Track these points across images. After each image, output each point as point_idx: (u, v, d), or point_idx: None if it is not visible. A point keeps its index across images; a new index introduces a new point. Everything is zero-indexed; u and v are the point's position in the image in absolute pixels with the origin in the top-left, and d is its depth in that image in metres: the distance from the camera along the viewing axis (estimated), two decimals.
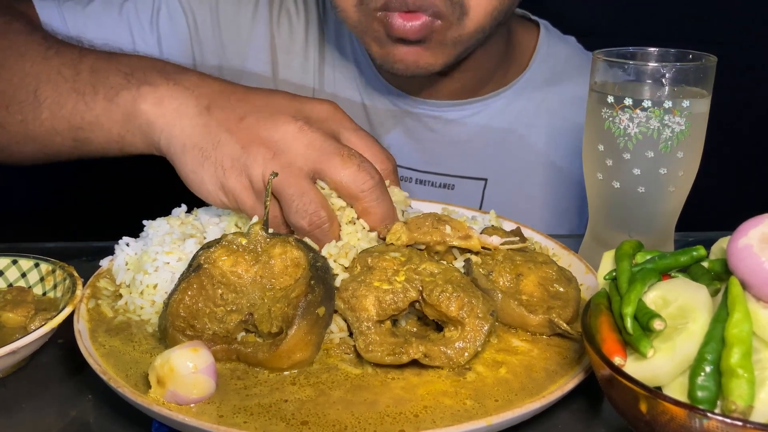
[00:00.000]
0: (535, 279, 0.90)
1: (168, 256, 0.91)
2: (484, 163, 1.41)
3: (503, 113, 1.40)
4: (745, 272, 0.66)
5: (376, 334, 0.80)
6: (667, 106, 0.93)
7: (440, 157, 1.41)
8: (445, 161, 1.41)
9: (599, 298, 0.75)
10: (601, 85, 0.99)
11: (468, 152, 1.41)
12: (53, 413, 0.77)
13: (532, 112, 1.40)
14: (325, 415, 0.72)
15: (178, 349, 0.73)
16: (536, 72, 1.41)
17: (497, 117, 1.40)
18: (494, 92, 1.39)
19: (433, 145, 1.41)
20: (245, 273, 0.85)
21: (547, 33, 1.46)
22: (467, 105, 1.39)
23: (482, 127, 1.40)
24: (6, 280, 0.95)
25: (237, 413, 0.71)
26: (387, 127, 1.42)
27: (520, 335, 0.86)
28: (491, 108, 1.39)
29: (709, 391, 0.61)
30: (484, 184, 1.41)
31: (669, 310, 0.69)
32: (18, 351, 0.77)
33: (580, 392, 0.78)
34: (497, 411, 0.71)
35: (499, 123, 1.40)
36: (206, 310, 0.82)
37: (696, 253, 0.75)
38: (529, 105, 1.40)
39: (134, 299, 0.89)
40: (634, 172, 0.97)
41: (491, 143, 1.40)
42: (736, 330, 0.63)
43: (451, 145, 1.41)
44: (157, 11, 1.37)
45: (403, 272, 0.84)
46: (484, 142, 1.40)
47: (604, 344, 0.69)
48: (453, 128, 1.40)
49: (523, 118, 1.40)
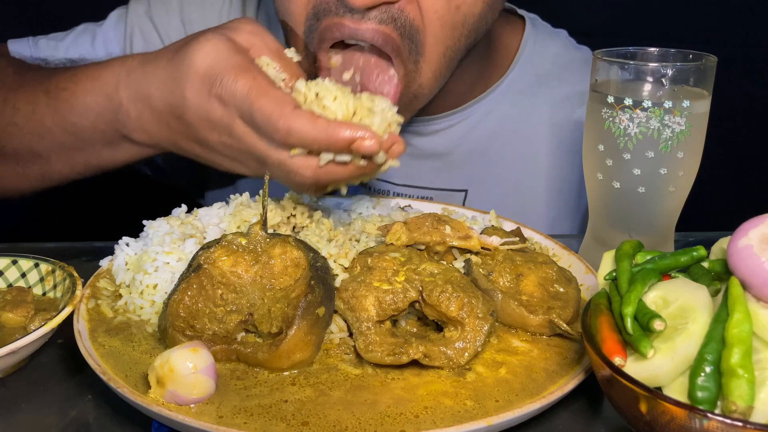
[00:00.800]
0: (535, 279, 0.90)
1: (168, 256, 0.91)
2: (464, 174, 1.35)
3: (483, 121, 1.34)
4: (745, 272, 0.66)
5: (376, 335, 0.80)
6: (668, 106, 0.93)
7: (419, 170, 1.35)
8: (423, 174, 1.35)
9: (599, 299, 0.75)
10: (602, 85, 0.99)
11: (447, 164, 1.35)
12: (53, 413, 0.77)
13: (516, 117, 1.33)
14: (326, 415, 0.72)
15: (178, 349, 0.73)
16: (519, 74, 1.34)
17: (477, 126, 1.34)
18: (474, 100, 1.33)
19: (410, 159, 1.33)
20: (245, 273, 0.85)
21: (534, 30, 1.38)
22: (445, 118, 1.32)
23: (461, 137, 1.34)
24: (6, 280, 0.95)
25: (237, 414, 0.71)
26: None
27: (520, 335, 0.86)
28: (470, 118, 1.33)
29: (709, 392, 0.61)
30: (464, 196, 1.36)
31: (669, 311, 0.69)
32: (18, 351, 0.77)
33: (580, 392, 0.78)
34: (497, 411, 0.71)
35: (479, 132, 1.34)
36: (206, 310, 0.82)
37: (696, 253, 0.75)
38: (512, 111, 1.33)
39: (134, 299, 0.89)
40: (634, 172, 0.97)
41: (471, 154, 1.34)
42: (737, 330, 0.63)
43: (430, 158, 1.36)
44: (130, 37, 1.39)
45: (403, 272, 0.84)
46: (464, 152, 1.34)
47: (604, 344, 0.69)
48: (431, 141, 1.34)
49: (506, 124, 1.34)
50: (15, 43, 1.36)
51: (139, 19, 1.39)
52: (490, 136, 1.34)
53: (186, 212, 1.02)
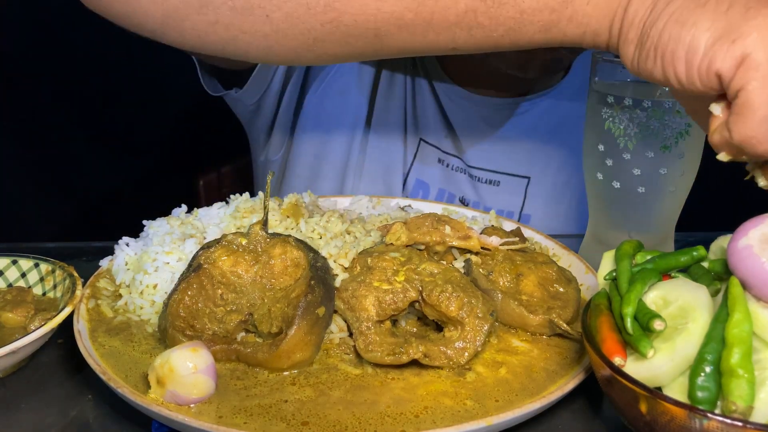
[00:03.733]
0: (535, 279, 0.90)
1: (168, 256, 0.91)
2: (529, 162, 1.44)
3: (549, 114, 1.43)
4: (745, 272, 0.66)
5: (376, 334, 0.80)
6: (667, 106, 0.93)
7: (489, 152, 1.44)
8: (494, 157, 1.44)
9: (599, 298, 0.75)
10: (601, 85, 0.99)
11: (514, 150, 1.43)
12: (53, 413, 0.77)
13: (575, 115, 1.41)
14: (326, 415, 0.72)
15: (178, 349, 0.73)
16: (575, 75, 1.44)
17: (543, 117, 1.43)
18: (541, 93, 1.43)
19: (484, 140, 1.44)
20: (245, 273, 0.85)
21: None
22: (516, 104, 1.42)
23: (528, 126, 1.43)
24: (6, 280, 0.95)
25: (237, 413, 0.71)
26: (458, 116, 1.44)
27: (520, 335, 0.86)
28: (538, 108, 1.43)
29: (709, 392, 0.61)
30: (527, 182, 1.44)
31: (669, 311, 0.69)
32: (18, 351, 0.77)
33: (580, 392, 0.78)
34: (497, 411, 0.71)
35: (544, 123, 1.43)
36: (206, 310, 0.82)
37: (696, 253, 0.75)
38: (572, 107, 1.43)
39: (134, 299, 0.89)
40: (634, 172, 0.97)
41: (536, 142, 1.43)
42: (737, 330, 0.63)
43: (500, 142, 1.43)
44: None
45: (402, 272, 0.84)
46: (530, 141, 1.43)
47: (604, 344, 0.69)
48: (502, 126, 1.43)
49: (567, 121, 1.43)
50: None
51: None
52: (554, 130, 1.43)
53: (186, 212, 1.02)
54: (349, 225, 1.00)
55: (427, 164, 1.45)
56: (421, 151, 1.45)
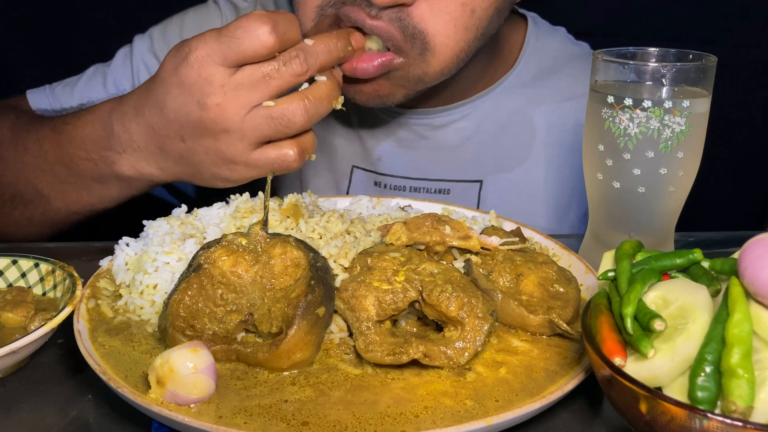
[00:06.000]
0: (535, 279, 0.90)
1: (168, 256, 0.91)
2: (479, 165, 1.40)
3: (493, 113, 1.39)
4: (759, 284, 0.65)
5: (376, 334, 0.80)
6: (668, 106, 0.93)
7: (434, 163, 1.40)
8: (439, 167, 1.40)
9: (599, 299, 0.75)
10: (601, 85, 0.99)
11: (461, 155, 1.40)
12: (53, 413, 0.77)
13: (524, 108, 1.40)
14: (326, 415, 0.72)
15: (177, 349, 0.73)
16: (524, 68, 1.41)
17: (488, 117, 1.39)
18: (483, 92, 1.38)
19: (425, 152, 1.40)
20: (245, 273, 0.85)
21: (535, 27, 1.45)
22: (456, 108, 1.38)
23: (473, 128, 1.39)
24: (6, 280, 0.95)
25: (237, 414, 0.71)
26: (378, 138, 1.41)
27: (520, 335, 0.86)
28: (481, 109, 1.39)
29: (710, 392, 0.61)
30: (480, 186, 1.40)
31: (669, 311, 0.69)
32: (18, 351, 0.77)
33: (580, 392, 0.78)
34: (497, 411, 0.71)
35: (490, 123, 1.39)
36: (206, 310, 0.82)
37: (693, 256, 0.75)
38: (519, 101, 1.39)
39: (134, 299, 0.89)
40: (634, 172, 0.97)
41: (484, 144, 1.40)
42: (737, 330, 0.63)
43: (444, 150, 1.40)
44: (137, 73, 1.42)
45: (402, 272, 0.84)
46: (476, 143, 1.40)
47: (604, 344, 0.69)
48: (444, 133, 1.39)
49: (515, 115, 1.39)
50: (33, 92, 1.42)
51: (144, 55, 1.43)
52: (501, 128, 1.39)
53: (186, 212, 1.02)
54: (349, 225, 1.00)
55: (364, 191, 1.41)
56: (355, 178, 1.43)
